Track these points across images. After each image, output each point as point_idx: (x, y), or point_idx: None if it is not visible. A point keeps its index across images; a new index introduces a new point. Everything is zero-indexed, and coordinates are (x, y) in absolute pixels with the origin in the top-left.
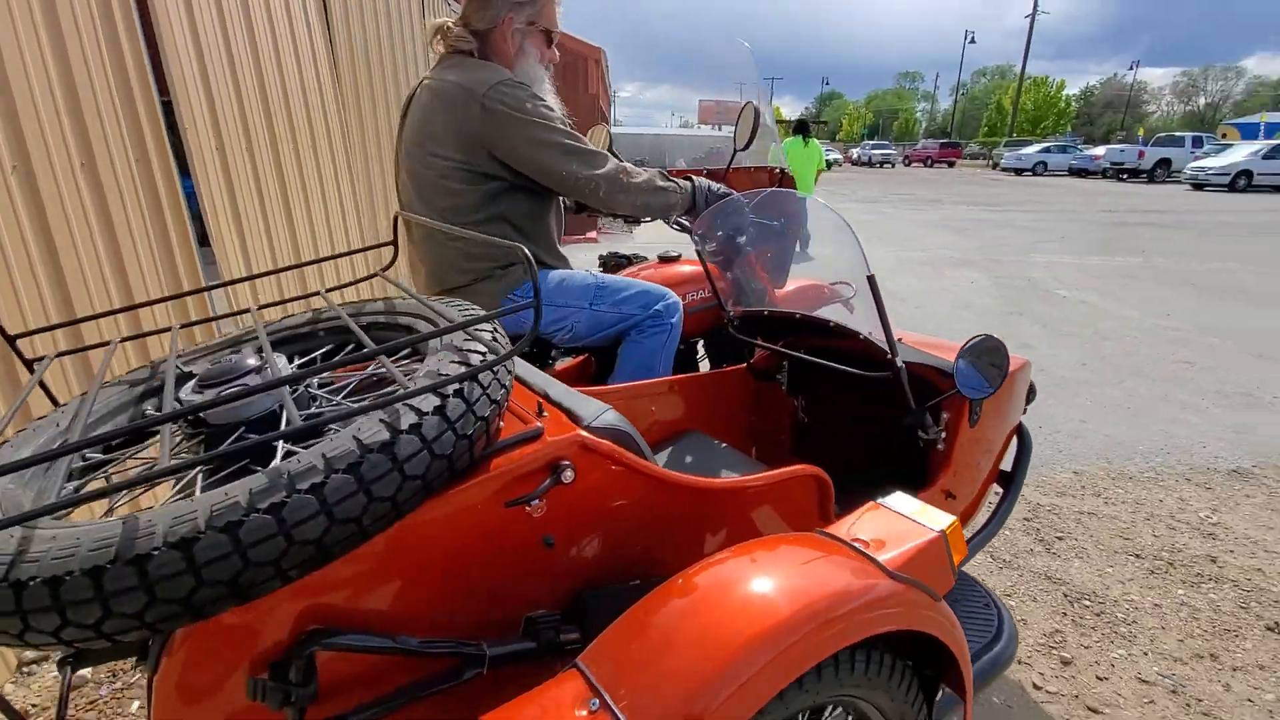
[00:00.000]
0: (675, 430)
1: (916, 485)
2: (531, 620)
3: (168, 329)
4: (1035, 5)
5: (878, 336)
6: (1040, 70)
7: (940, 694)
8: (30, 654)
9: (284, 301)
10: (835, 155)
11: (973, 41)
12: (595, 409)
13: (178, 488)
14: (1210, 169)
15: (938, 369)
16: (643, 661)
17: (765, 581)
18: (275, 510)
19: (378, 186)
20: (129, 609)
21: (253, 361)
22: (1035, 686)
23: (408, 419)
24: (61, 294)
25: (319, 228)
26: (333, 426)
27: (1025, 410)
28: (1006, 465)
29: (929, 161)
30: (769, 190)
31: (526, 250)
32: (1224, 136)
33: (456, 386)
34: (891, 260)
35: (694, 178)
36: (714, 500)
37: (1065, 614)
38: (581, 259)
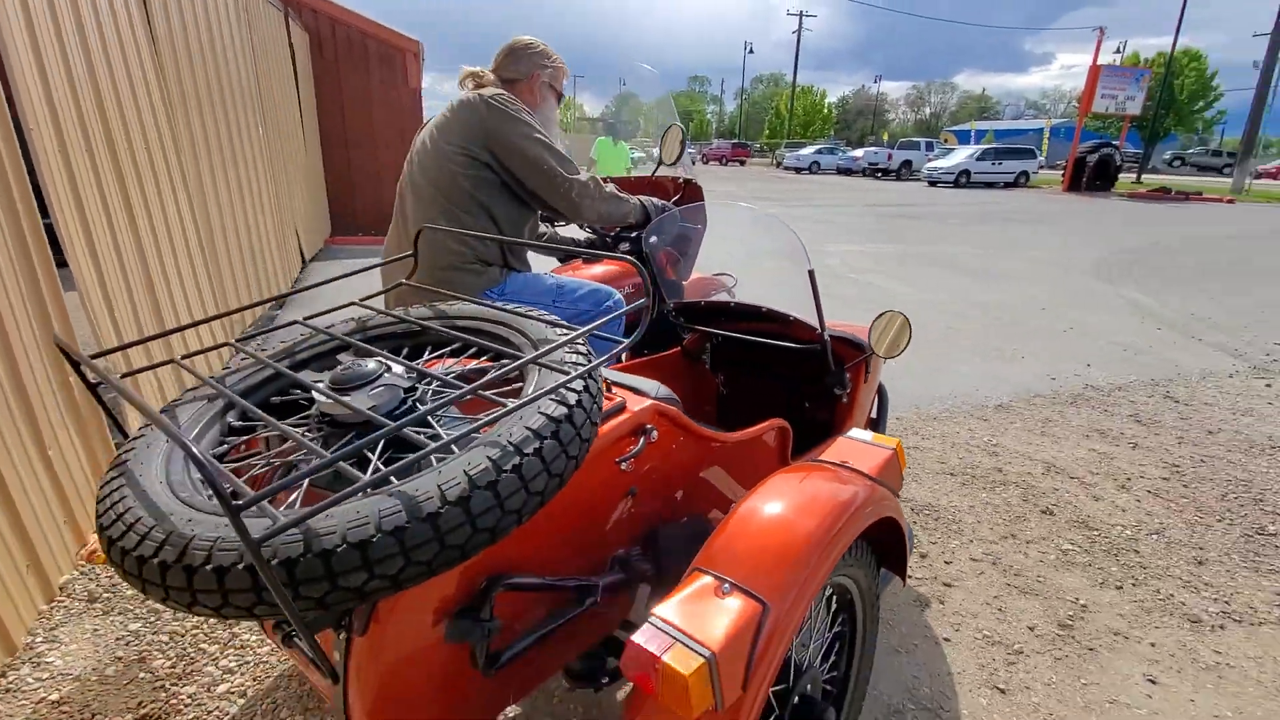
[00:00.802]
0: None
1: (820, 435)
2: (617, 558)
3: (224, 345)
4: (800, 23)
5: (806, 316)
6: (806, 79)
7: (880, 573)
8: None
9: (329, 311)
10: (639, 154)
11: (751, 51)
12: (653, 386)
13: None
14: (940, 169)
15: (848, 340)
16: (745, 556)
17: (816, 494)
18: (492, 487)
19: (217, 193)
20: (423, 557)
21: (372, 365)
22: (907, 575)
23: (562, 410)
24: None
25: (159, 230)
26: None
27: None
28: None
29: (724, 160)
30: (698, 204)
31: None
32: (946, 141)
33: (584, 381)
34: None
35: (642, 197)
36: (732, 448)
37: (915, 522)
38: None
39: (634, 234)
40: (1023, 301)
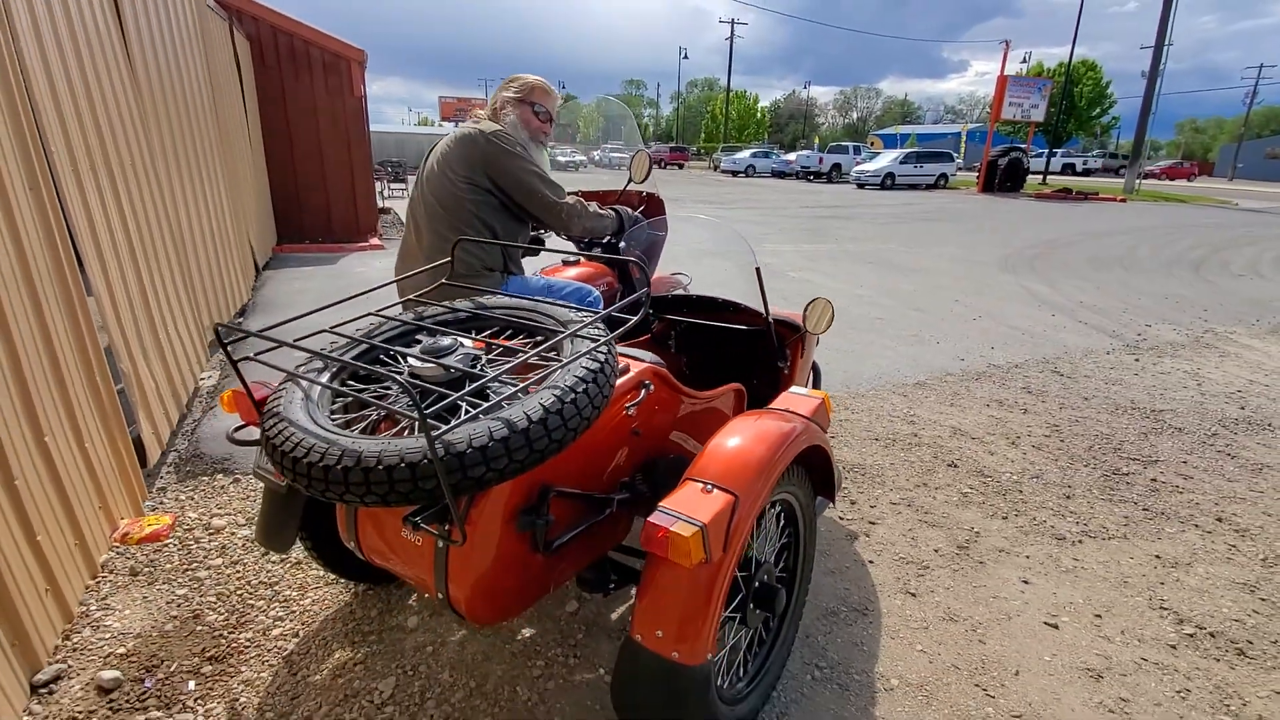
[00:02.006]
0: None
1: (767, 401)
2: (625, 481)
3: (325, 330)
4: (732, 30)
5: (754, 304)
6: (739, 84)
7: (817, 500)
8: (45, 675)
9: (397, 304)
10: (580, 157)
11: (686, 57)
12: (649, 355)
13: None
14: (868, 172)
15: (786, 322)
16: (720, 467)
17: (766, 427)
18: (559, 413)
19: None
20: (518, 457)
21: (447, 341)
22: (840, 518)
23: (596, 365)
24: None
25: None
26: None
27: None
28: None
29: (662, 163)
30: (662, 217)
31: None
32: (873, 145)
33: (608, 348)
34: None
35: (617, 207)
36: (704, 403)
37: (846, 478)
38: (376, 263)
39: (606, 241)
40: (939, 293)
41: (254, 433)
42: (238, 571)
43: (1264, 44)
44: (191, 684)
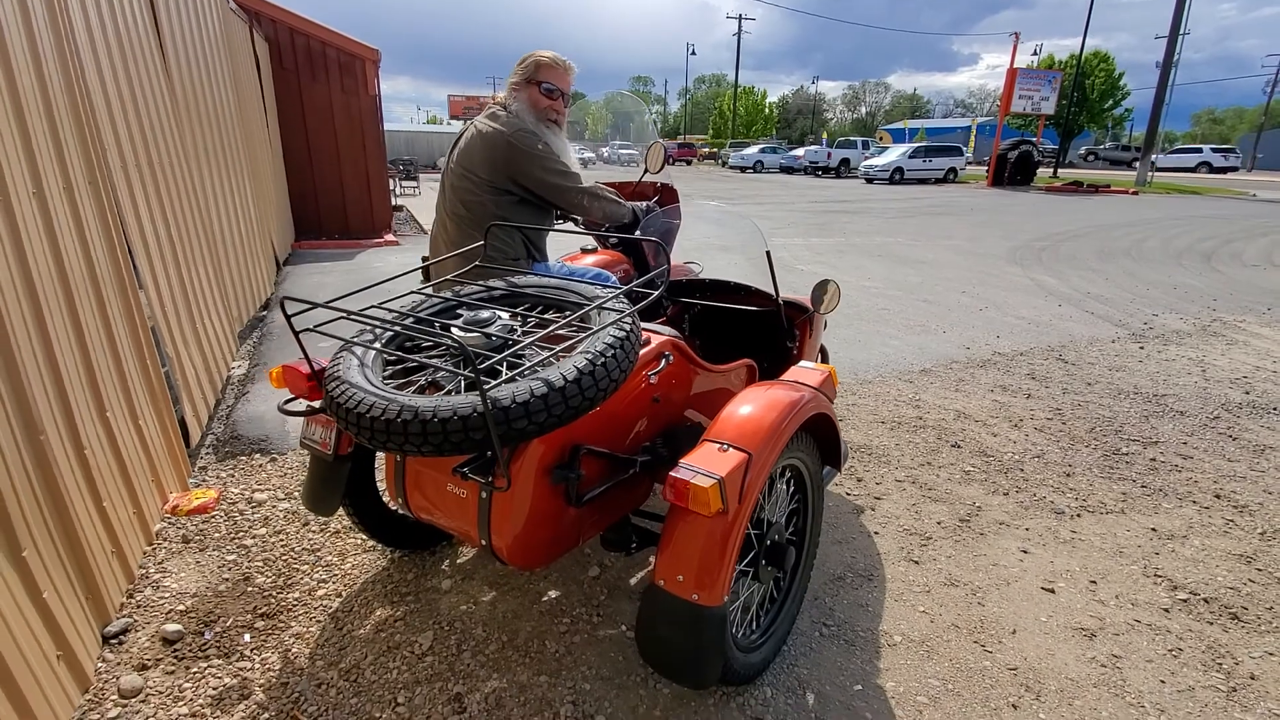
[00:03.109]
0: None
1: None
2: (646, 446)
3: (372, 307)
4: (740, 25)
5: (763, 286)
6: (746, 80)
7: (825, 469)
8: (114, 627)
9: (438, 282)
10: (589, 154)
11: (693, 53)
12: (668, 329)
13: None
14: (876, 167)
15: (795, 304)
16: (735, 429)
17: (777, 395)
18: (591, 374)
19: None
20: (556, 412)
21: (485, 314)
22: (847, 495)
23: (623, 333)
24: None
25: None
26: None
27: (824, 329)
28: None
29: (670, 160)
30: (675, 205)
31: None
32: (881, 140)
33: (630, 321)
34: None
35: (633, 203)
36: (718, 376)
37: (853, 457)
38: (393, 259)
39: (631, 233)
40: (946, 285)
41: (302, 404)
42: (282, 540)
43: None
44: (247, 636)
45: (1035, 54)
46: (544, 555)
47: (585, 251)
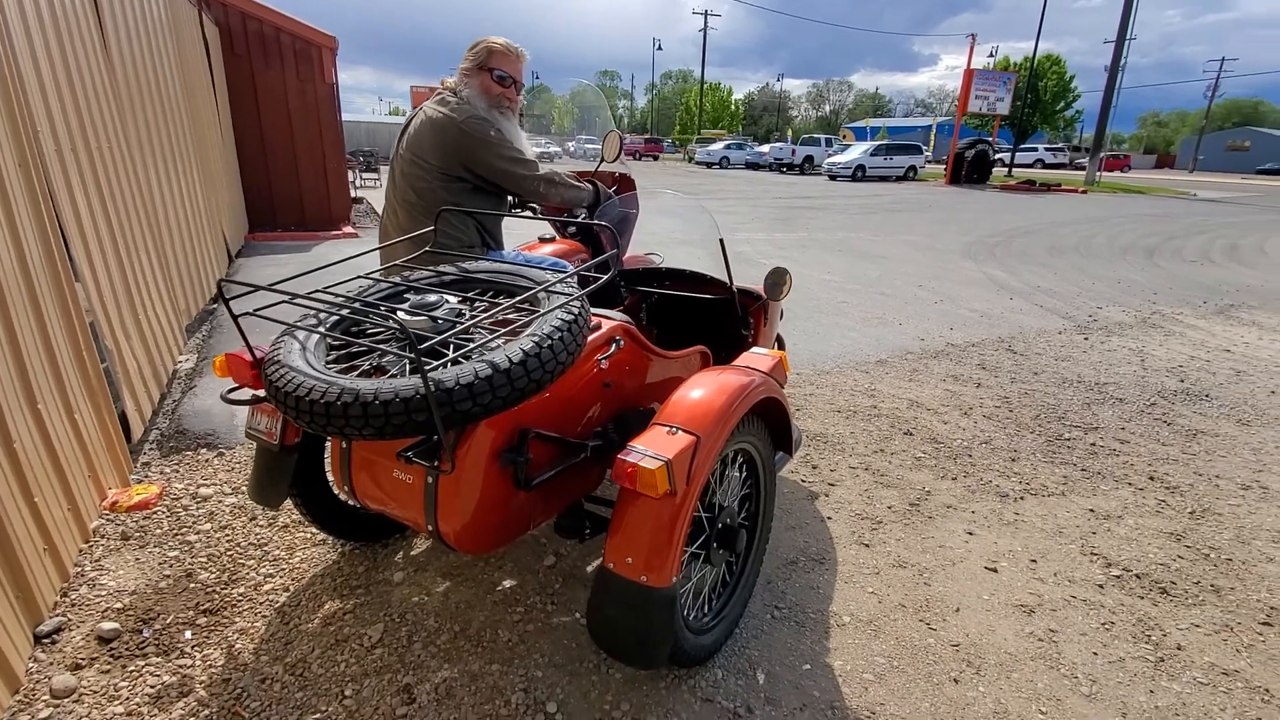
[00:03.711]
0: None
1: None
2: (598, 431)
3: (314, 293)
4: (706, 21)
5: (713, 273)
6: (713, 76)
7: (777, 455)
8: (47, 626)
9: (387, 267)
10: (555, 148)
11: (660, 48)
12: (620, 315)
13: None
14: (839, 164)
15: (750, 292)
16: (684, 412)
17: (726, 379)
18: (538, 356)
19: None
20: (501, 394)
21: (433, 298)
22: (802, 481)
23: (570, 316)
24: None
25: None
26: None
27: (780, 320)
28: None
29: (637, 155)
30: (631, 193)
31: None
32: (844, 138)
33: (580, 304)
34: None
35: (593, 180)
36: (671, 363)
37: (809, 445)
38: (351, 251)
39: (581, 215)
40: (904, 279)
41: (247, 393)
42: (227, 535)
43: (1228, 37)
44: (188, 633)
45: (991, 55)
46: (492, 540)
47: (544, 241)
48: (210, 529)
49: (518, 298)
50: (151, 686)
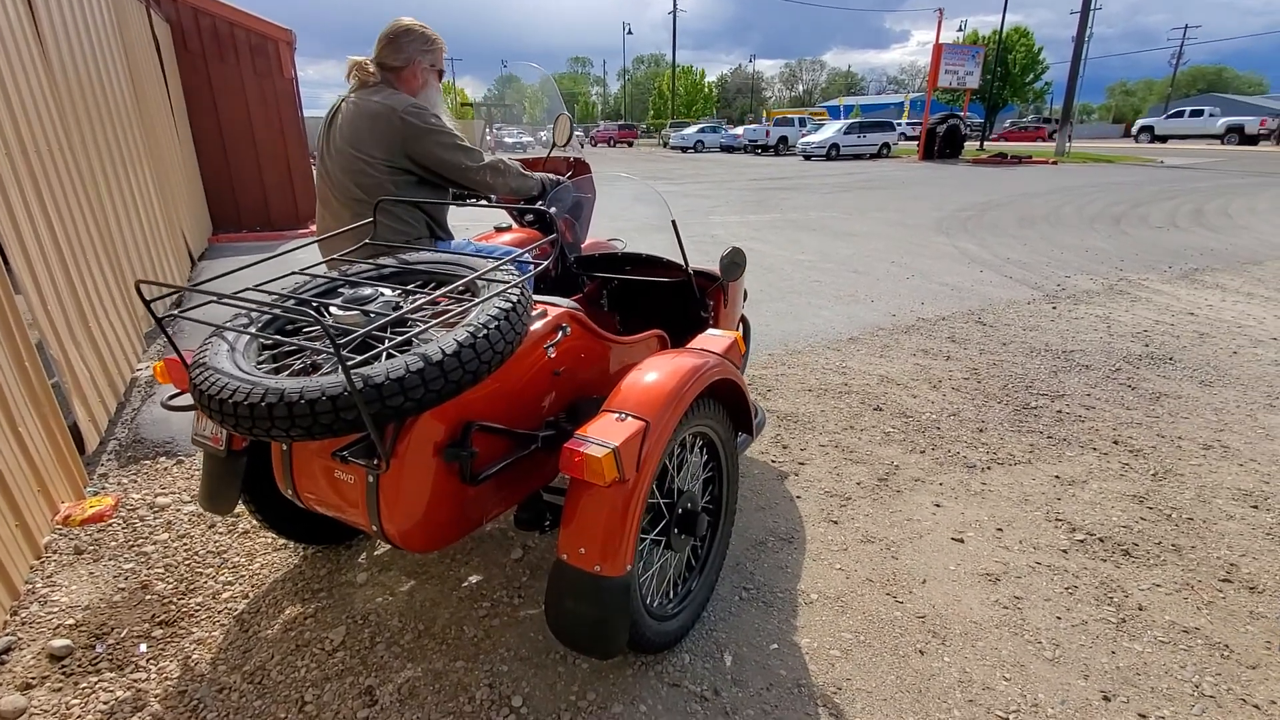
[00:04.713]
0: None
1: None
2: (549, 420)
3: (241, 292)
4: (675, 4)
5: (675, 257)
6: (684, 59)
7: (739, 437)
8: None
9: (326, 261)
10: (527, 138)
11: (630, 32)
12: (565, 300)
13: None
14: (813, 143)
15: (707, 274)
16: (633, 398)
17: (677, 362)
18: (473, 347)
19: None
20: (435, 388)
21: (367, 291)
22: (772, 462)
23: (508, 304)
24: None
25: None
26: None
27: (744, 302)
28: None
29: (611, 142)
30: (586, 176)
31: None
32: (817, 117)
33: (519, 291)
34: (609, 231)
35: (541, 174)
36: (625, 348)
37: (779, 426)
38: (316, 250)
39: (535, 205)
40: (876, 256)
41: (188, 399)
42: (184, 544)
43: (1191, 5)
44: (143, 647)
45: (960, 30)
46: (442, 537)
47: (500, 230)
48: (167, 539)
49: (450, 287)
50: (104, 703)
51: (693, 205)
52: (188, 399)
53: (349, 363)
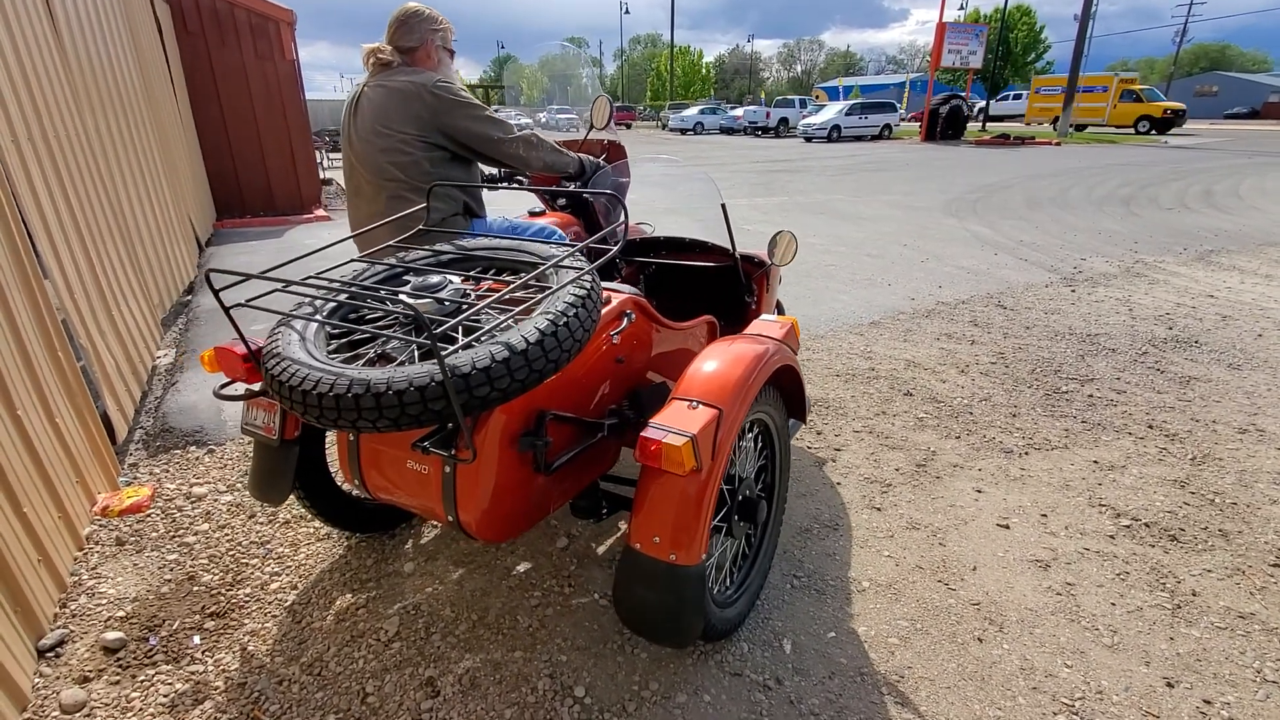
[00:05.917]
0: None
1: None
2: (612, 409)
3: (307, 279)
4: None
5: (719, 242)
6: (681, 39)
7: (791, 422)
8: (49, 640)
9: (378, 249)
10: (525, 120)
11: (627, 12)
12: (628, 288)
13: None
14: (814, 125)
15: (751, 259)
16: (703, 385)
17: (742, 349)
18: (555, 335)
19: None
20: (519, 377)
21: (435, 279)
22: (808, 448)
23: (583, 291)
24: None
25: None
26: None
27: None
28: None
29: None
30: (624, 161)
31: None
32: (818, 99)
33: (591, 277)
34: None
35: (580, 155)
36: (680, 334)
37: (812, 411)
38: (326, 234)
39: (573, 187)
40: (888, 239)
41: (240, 388)
42: (226, 534)
43: None
44: (197, 639)
45: (962, 8)
46: (514, 527)
47: (533, 215)
48: (208, 529)
49: (528, 275)
50: (165, 695)
51: (695, 189)
52: (240, 388)
53: (440, 349)
